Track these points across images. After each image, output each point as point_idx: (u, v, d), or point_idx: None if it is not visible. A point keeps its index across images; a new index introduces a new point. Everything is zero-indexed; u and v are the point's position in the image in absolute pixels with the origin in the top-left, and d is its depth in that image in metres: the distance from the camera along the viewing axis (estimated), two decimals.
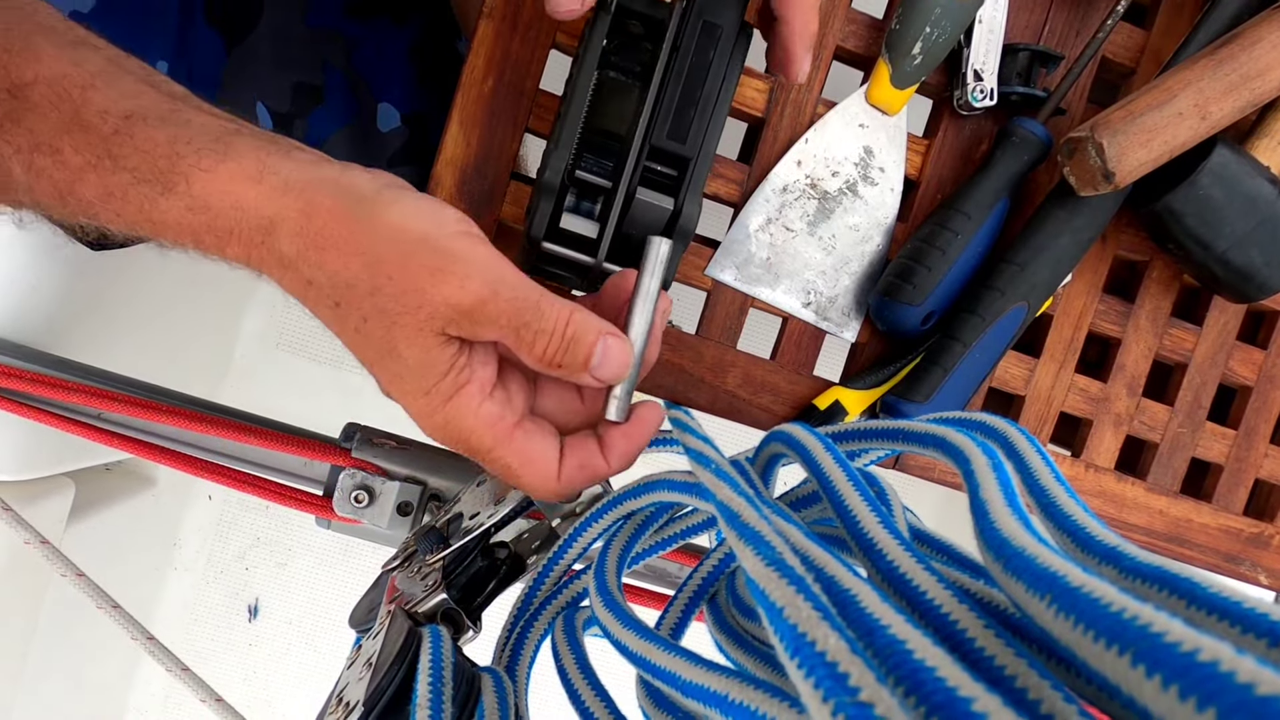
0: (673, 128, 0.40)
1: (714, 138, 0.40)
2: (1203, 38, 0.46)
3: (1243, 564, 0.56)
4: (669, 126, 0.40)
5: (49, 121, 0.33)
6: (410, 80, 0.58)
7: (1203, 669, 0.13)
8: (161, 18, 0.53)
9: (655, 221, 0.41)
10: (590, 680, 0.32)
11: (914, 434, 0.29)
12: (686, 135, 0.40)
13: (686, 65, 0.40)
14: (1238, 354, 0.55)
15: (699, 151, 0.40)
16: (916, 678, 0.16)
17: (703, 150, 0.40)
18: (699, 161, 0.40)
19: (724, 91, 0.40)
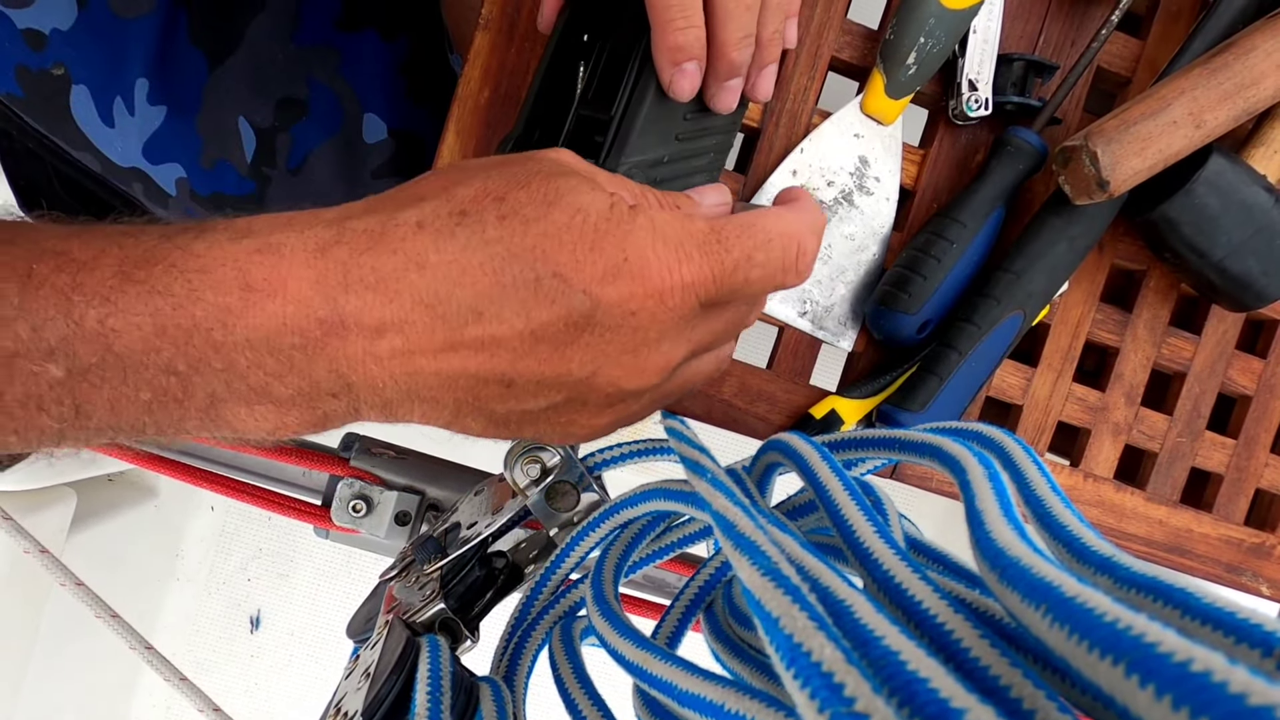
0: (597, 95, 0.41)
1: (639, 102, 0.39)
2: (1198, 47, 0.47)
3: (1244, 574, 0.56)
4: (594, 94, 0.41)
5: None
6: (399, 94, 0.58)
7: (1196, 679, 0.13)
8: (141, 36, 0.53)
9: None
10: (587, 690, 0.32)
11: (910, 443, 0.29)
12: (609, 102, 0.40)
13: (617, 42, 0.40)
14: (1237, 363, 0.55)
15: (621, 114, 0.40)
16: (911, 689, 0.16)
17: (625, 113, 0.40)
18: (621, 124, 0.40)
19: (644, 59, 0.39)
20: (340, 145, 0.57)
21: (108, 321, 0.25)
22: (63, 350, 0.24)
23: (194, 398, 0.26)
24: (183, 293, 0.25)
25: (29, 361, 0.24)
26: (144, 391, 0.26)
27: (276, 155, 0.56)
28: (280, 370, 0.26)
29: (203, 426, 0.27)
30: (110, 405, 0.26)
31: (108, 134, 0.56)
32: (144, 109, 0.55)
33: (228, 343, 0.26)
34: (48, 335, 0.24)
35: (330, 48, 0.56)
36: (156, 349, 0.25)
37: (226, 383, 0.26)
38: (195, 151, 0.56)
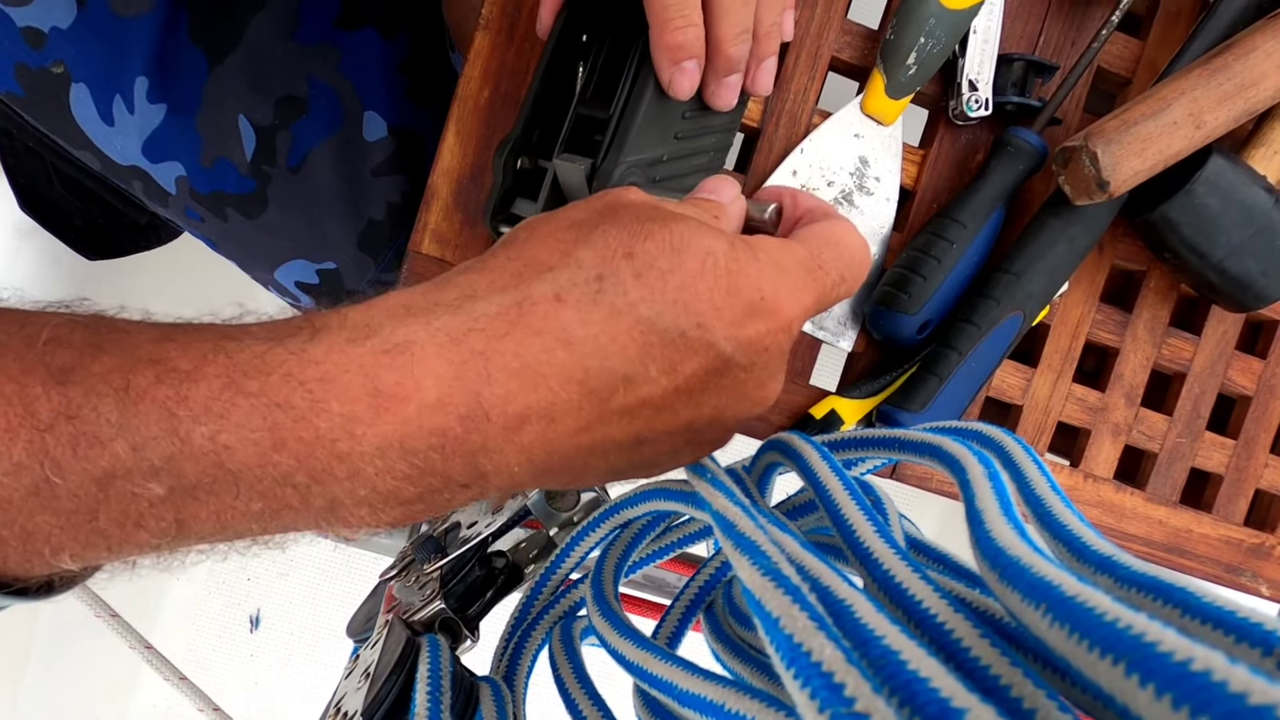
0: (595, 94, 0.41)
1: (638, 100, 0.39)
2: (1198, 47, 0.47)
3: (1244, 575, 0.56)
4: (592, 93, 0.41)
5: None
6: (399, 92, 0.58)
7: (1196, 678, 0.13)
8: (141, 34, 0.53)
9: (576, 184, 0.41)
10: (587, 690, 0.32)
11: (910, 443, 0.29)
12: (608, 100, 0.40)
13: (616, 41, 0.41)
14: (1237, 363, 0.55)
15: (619, 113, 0.40)
16: (911, 688, 0.16)
17: (624, 112, 0.40)
18: (620, 123, 0.40)
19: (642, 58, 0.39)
20: (340, 143, 0.57)
21: (219, 438, 0.23)
22: (168, 470, 0.22)
23: (311, 505, 0.24)
24: (304, 405, 0.23)
25: (128, 483, 0.22)
26: (256, 503, 0.24)
27: (277, 153, 0.56)
28: (412, 474, 0.24)
29: (314, 528, 0.26)
30: (217, 518, 0.24)
31: (107, 132, 0.56)
32: (144, 107, 0.55)
33: (355, 453, 0.24)
34: (150, 455, 0.22)
35: (330, 45, 0.56)
36: (274, 463, 0.23)
37: (350, 490, 0.24)
38: (195, 150, 0.56)
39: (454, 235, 0.48)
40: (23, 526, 0.22)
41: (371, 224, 0.58)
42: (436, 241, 0.48)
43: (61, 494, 0.22)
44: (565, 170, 0.40)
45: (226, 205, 0.58)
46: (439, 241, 0.48)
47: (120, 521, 0.23)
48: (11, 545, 0.22)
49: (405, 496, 0.25)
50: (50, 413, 0.21)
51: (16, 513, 0.21)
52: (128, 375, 0.22)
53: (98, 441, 0.22)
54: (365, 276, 0.60)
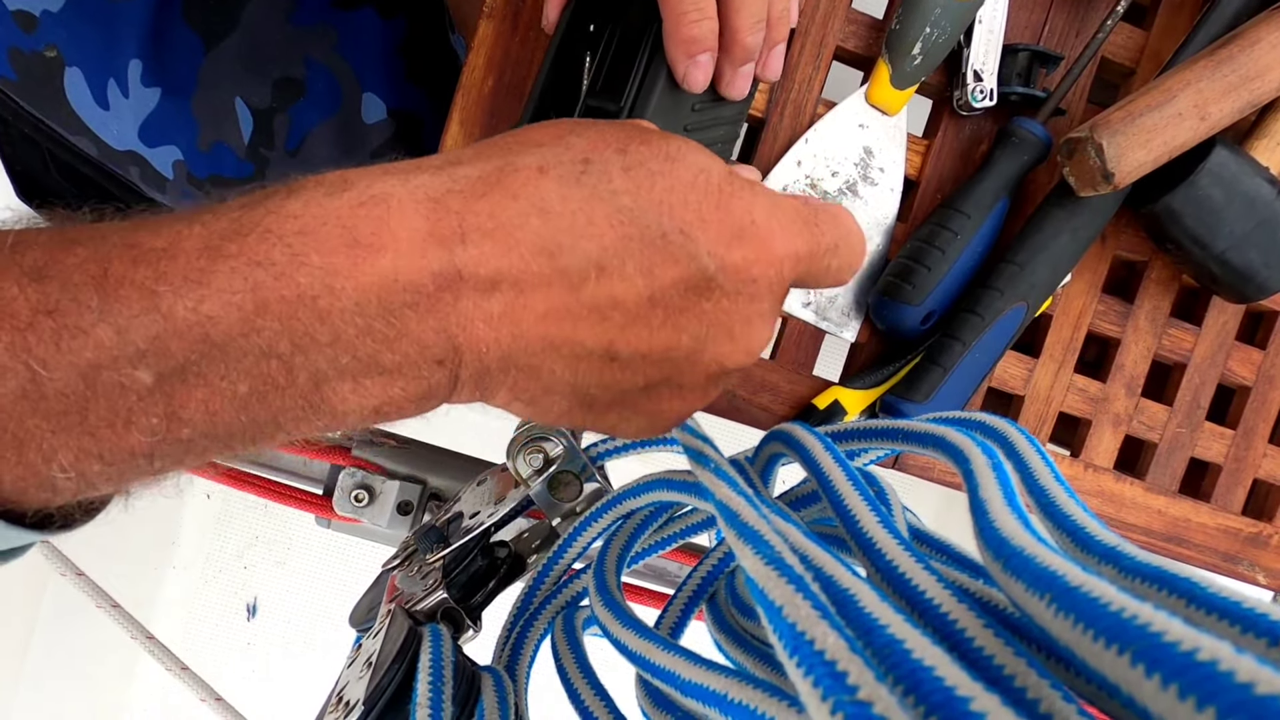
0: (605, 86, 0.41)
1: (649, 92, 0.39)
2: (1202, 38, 0.46)
3: (1241, 563, 0.56)
4: (602, 85, 0.41)
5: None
6: (398, 73, 0.58)
7: (1202, 668, 0.13)
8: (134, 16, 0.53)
9: None
10: (590, 679, 0.32)
11: (913, 434, 0.29)
12: (621, 93, 0.40)
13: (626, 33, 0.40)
14: (1237, 354, 0.55)
15: (630, 105, 0.40)
16: (915, 677, 0.17)
17: (635, 104, 0.39)
18: (631, 116, 0.39)
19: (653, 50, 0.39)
20: (339, 125, 0.56)
21: (202, 307, 0.22)
22: (153, 351, 0.22)
23: (296, 382, 0.24)
24: (284, 259, 0.23)
25: (114, 371, 0.22)
26: (242, 384, 0.23)
27: (274, 136, 0.56)
28: (389, 335, 0.24)
29: (301, 418, 0.25)
30: (205, 407, 0.23)
31: (102, 116, 0.56)
32: (138, 91, 0.54)
33: (335, 309, 0.23)
34: (135, 336, 0.22)
35: (328, 26, 0.56)
36: (257, 329, 0.23)
37: (332, 358, 0.24)
38: (192, 134, 0.56)
39: None
40: (14, 433, 0.21)
41: None
42: None
43: (49, 392, 0.21)
44: None
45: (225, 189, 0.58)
46: None
47: (110, 420, 0.22)
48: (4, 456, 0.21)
49: (386, 364, 0.25)
50: (29, 310, 0.21)
51: (6, 418, 0.21)
52: (104, 263, 0.22)
53: (80, 331, 0.21)
54: None
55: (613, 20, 0.41)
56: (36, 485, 0.22)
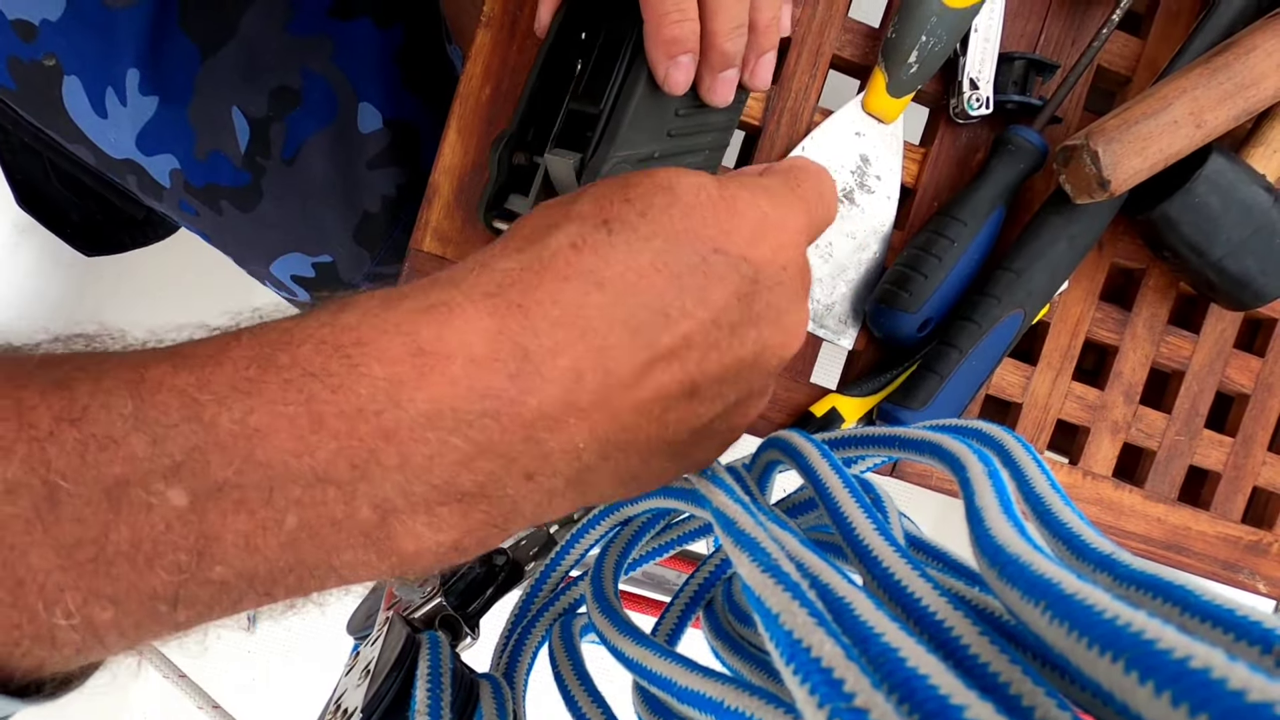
0: (587, 89, 0.41)
1: (629, 95, 0.39)
2: (1198, 46, 0.47)
3: (1241, 572, 0.56)
4: (584, 88, 0.41)
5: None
6: (395, 83, 0.58)
7: (1195, 676, 0.13)
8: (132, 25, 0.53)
9: (565, 178, 0.41)
10: (587, 687, 0.32)
11: (910, 441, 0.29)
12: (599, 95, 0.40)
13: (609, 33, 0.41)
14: (1235, 361, 0.55)
15: (610, 108, 0.40)
16: (910, 685, 0.17)
17: (615, 107, 0.39)
18: (610, 118, 0.39)
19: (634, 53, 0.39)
20: (335, 135, 0.56)
21: (250, 419, 0.20)
22: (190, 465, 0.19)
23: (357, 515, 0.21)
24: (341, 370, 0.21)
25: (143, 489, 0.19)
26: (291, 515, 0.20)
27: (271, 145, 0.56)
28: (469, 453, 0.22)
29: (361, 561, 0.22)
30: (245, 541, 0.20)
31: (100, 125, 0.56)
32: (135, 99, 0.54)
33: (403, 425, 0.21)
34: (171, 447, 0.19)
35: (324, 36, 0.56)
36: (311, 449, 0.20)
37: (401, 485, 0.21)
38: (189, 142, 0.56)
39: (455, 233, 0.48)
40: (14, 568, 0.18)
41: (367, 216, 0.58)
42: (438, 239, 0.48)
43: (65, 515, 0.18)
44: (555, 165, 0.40)
45: (221, 198, 0.58)
46: (440, 239, 0.48)
47: (131, 552, 0.19)
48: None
49: (464, 487, 0.22)
50: (51, 418, 0.19)
51: (8, 550, 0.18)
52: (140, 369, 0.20)
53: (109, 441, 0.19)
54: (361, 270, 0.60)
55: (601, 25, 0.42)
56: (32, 638, 0.19)
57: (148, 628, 0.20)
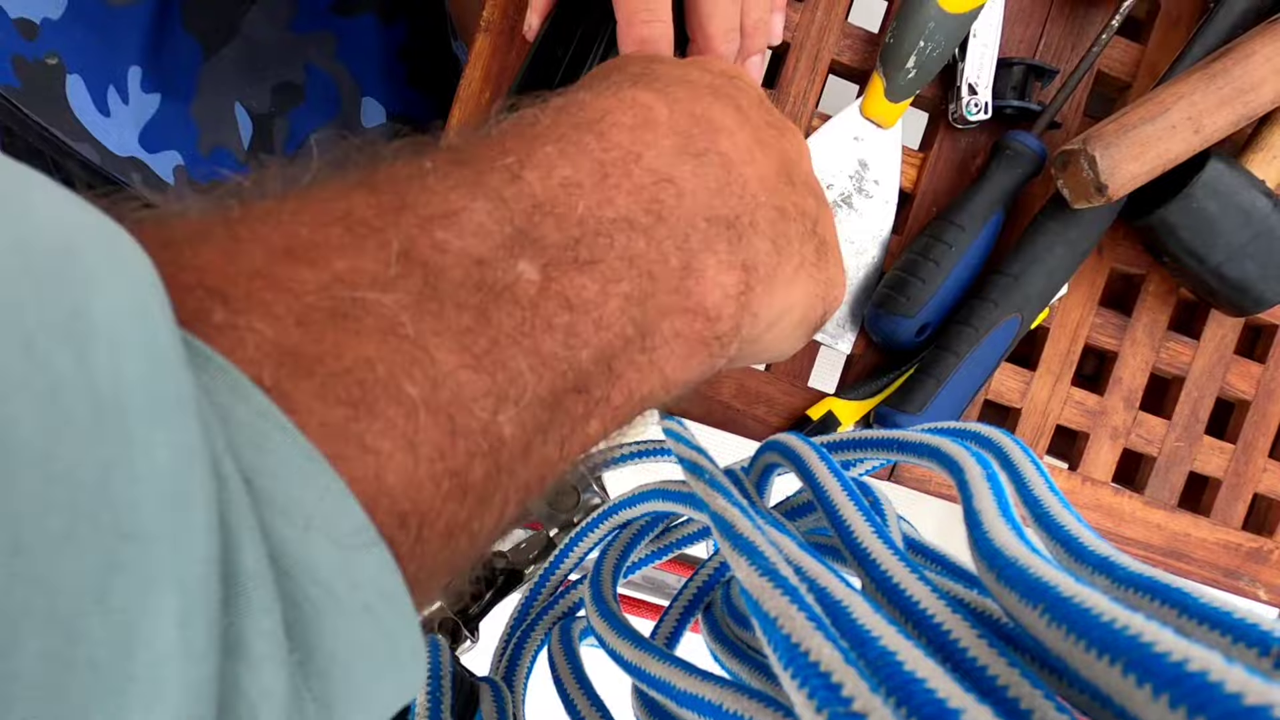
0: (561, 81, 0.41)
1: None
2: (1197, 52, 0.47)
3: (1241, 579, 0.56)
4: (559, 81, 0.41)
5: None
6: (399, 79, 0.58)
7: (1192, 678, 0.13)
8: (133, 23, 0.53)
9: None
10: (586, 690, 0.32)
11: (909, 444, 0.29)
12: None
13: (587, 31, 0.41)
14: (1236, 367, 0.55)
15: None
16: (908, 689, 0.17)
17: None
18: None
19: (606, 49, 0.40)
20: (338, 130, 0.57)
21: (555, 174, 0.20)
22: (530, 233, 0.19)
23: (668, 262, 0.22)
24: (594, 136, 0.22)
25: (498, 269, 0.18)
26: (621, 269, 0.20)
27: (274, 141, 0.56)
28: (714, 185, 0.24)
29: (679, 333, 0.22)
30: (597, 313, 0.20)
31: (104, 123, 0.56)
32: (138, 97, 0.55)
33: (662, 163, 0.23)
34: (513, 212, 0.19)
35: (328, 32, 0.56)
36: (609, 197, 0.21)
37: (686, 219, 0.23)
38: (192, 139, 0.56)
39: None
40: (426, 370, 0.17)
41: None
42: None
43: (448, 301, 0.18)
44: None
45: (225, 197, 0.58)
46: None
47: (515, 335, 0.18)
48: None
49: (724, 215, 0.24)
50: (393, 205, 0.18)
51: (411, 346, 0.17)
52: (431, 160, 0.21)
53: (451, 216, 0.19)
54: None
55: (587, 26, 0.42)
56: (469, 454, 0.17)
57: (536, 433, 0.19)
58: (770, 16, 0.41)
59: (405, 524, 0.16)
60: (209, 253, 0.16)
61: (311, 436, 0.15)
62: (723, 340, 0.24)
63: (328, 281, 0.17)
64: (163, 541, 0.12)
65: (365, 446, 0.16)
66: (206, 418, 0.13)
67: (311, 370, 0.15)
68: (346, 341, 0.16)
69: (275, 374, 0.15)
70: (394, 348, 0.16)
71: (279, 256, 0.17)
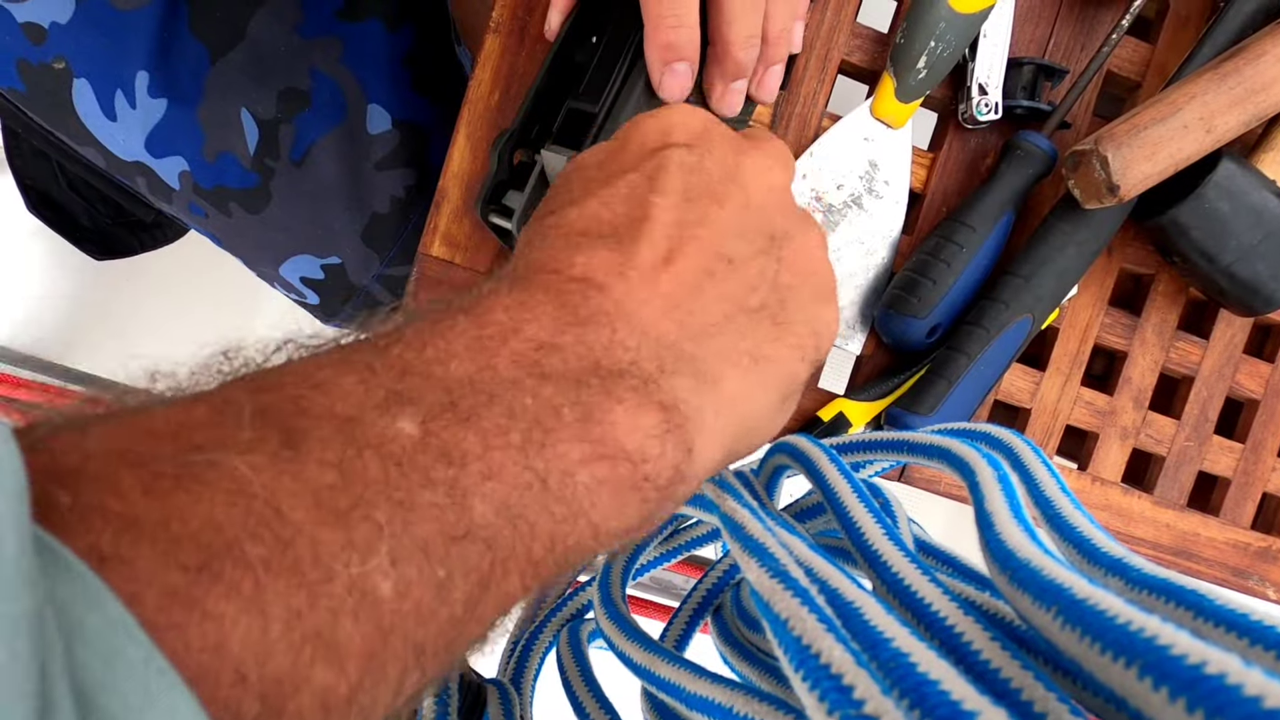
0: (588, 88, 0.41)
1: (626, 98, 0.40)
2: (1208, 51, 0.46)
3: (1251, 578, 0.56)
4: (585, 87, 0.41)
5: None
6: (404, 85, 0.58)
7: (1210, 681, 0.13)
8: (141, 28, 0.53)
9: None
10: (595, 693, 0.32)
11: (919, 445, 0.29)
12: (598, 95, 0.40)
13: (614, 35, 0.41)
14: (1245, 367, 0.55)
15: (608, 108, 0.40)
16: (921, 691, 0.16)
17: (612, 108, 0.40)
18: (607, 119, 0.40)
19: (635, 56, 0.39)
20: (343, 136, 0.57)
21: (427, 347, 0.21)
22: (405, 394, 0.20)
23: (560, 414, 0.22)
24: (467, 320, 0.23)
25: (368, 425, 0.19)
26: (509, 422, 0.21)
27: (279, 147, 0.56)
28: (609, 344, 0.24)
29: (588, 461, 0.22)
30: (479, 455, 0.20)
31: (110, 128, 0.56)
32: (145, 101, 0.55)
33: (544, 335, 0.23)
34: (383, 377, 0.20)
35: (333, 38, 0.56)
36: (490, 365, 0.22)
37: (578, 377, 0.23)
38: (198, 144, 0.56)
39: (464, 238, 0.48)
40: (275, 529, 0.17)
41: (375, 218, 0.58)
42: (447, 244, 0.48)
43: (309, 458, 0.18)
44: (550, 161, 0.41)
45: (230, 200, 0.58)
46: (449, 244, 0.48)
47: (385, 488, 0.18)
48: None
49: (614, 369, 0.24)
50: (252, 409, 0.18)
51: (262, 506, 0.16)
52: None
53: (328, 383, 0.19)
54: (370, 271, 0.60)
55: (609, 28, 0.42)
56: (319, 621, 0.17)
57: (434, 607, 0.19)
58: (793, 25, 0.41)
59: (257, 694, 0.15)
60: (71, 441, 0.16)
61: (148, 605, 0.14)
62: (657, 480, 0.23)
63: (185, 449, 0.17)
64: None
65: (206, 612, 0.15)
66: (49, 634, 0.13)
67: (154, 536, 0.15)
68: (191, 506, 0.16)
69: (115, 541, 0.15)
70: (243, 508, 0.16)
71: (142, 436, 0.17)
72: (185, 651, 0.14)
